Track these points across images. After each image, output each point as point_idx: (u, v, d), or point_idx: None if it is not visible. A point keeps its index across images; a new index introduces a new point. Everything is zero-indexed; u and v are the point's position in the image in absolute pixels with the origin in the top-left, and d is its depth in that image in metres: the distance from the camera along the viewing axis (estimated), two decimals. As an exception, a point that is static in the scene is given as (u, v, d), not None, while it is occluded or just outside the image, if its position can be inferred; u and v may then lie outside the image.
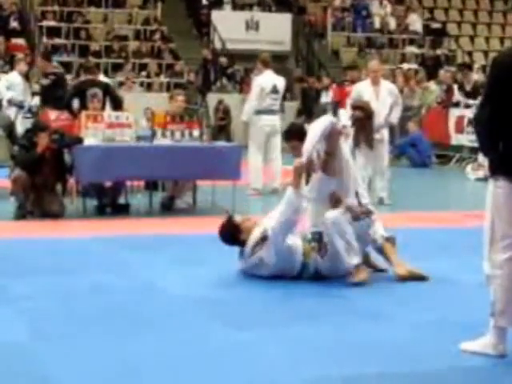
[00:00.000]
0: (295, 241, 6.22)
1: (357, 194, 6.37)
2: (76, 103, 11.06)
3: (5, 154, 10.74)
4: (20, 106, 13.72)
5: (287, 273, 6.26)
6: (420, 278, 6.35)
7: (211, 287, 6.22)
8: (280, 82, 12.09)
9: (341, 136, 6.43)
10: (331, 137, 6.25)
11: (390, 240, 6.58)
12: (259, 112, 11.87)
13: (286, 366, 4.41)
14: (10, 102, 13.59)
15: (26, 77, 15.04)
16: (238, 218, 6.48)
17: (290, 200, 6.08)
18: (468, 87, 16.79)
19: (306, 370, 4.35)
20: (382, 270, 6.61)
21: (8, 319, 5.24)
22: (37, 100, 13.67)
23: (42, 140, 9.17)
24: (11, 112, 13.20)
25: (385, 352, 4.66)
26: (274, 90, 11.93)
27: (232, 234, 6.40)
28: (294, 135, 6.63)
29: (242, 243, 6.33)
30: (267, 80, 11.93)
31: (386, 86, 11.36)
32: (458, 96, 17.32)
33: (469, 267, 5.72)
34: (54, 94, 11.93)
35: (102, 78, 13.54)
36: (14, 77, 14.09)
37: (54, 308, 5.52)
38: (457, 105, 17.20)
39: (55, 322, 5.19)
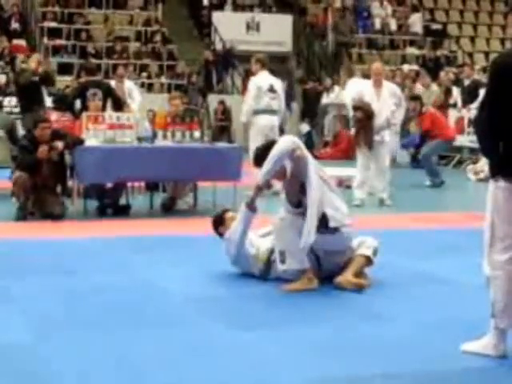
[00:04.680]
0: (257, 248, 6.38)
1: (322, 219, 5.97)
2: (78, 104, 11.09)
3: (6, 155, 10.74)
4: None
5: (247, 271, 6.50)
6: (358, 287, 6.06)
7: (212, 288, 6.23)
8: (276, 82, 12.11)
9: (302, 162, 5.99)
10: (294, 160, 6.00)
11: (367, 259, 6.27)
12: (257, 112, 11.85)
13: (289, 367, 4.41)
14: None
15: None
16: (229, 214, 6.66)
17: (241, 214, 6.31)
18: (467, 82, 16.77)
19: (309, 370, 4.35)
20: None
21: (10, 319, 5.25)
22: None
23: (41, 153, 9.09)
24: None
25: (387, 353, 4.66)
26: (272, 89, 11.92)
27: (215, 221, 6.73)
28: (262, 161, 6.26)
29: (220, 234, 6.65)
30: (263, 79, 11.93)
31: (389, 87, 11.30)
32: (455, 97, 17.31)
33: (470, 268, 5.71)
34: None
35: (127, 82, 13.61)
36: None
37: (56, 308, 5.53)
38: (455, 105, 17.18)
39: (56, 322, 5.20)
